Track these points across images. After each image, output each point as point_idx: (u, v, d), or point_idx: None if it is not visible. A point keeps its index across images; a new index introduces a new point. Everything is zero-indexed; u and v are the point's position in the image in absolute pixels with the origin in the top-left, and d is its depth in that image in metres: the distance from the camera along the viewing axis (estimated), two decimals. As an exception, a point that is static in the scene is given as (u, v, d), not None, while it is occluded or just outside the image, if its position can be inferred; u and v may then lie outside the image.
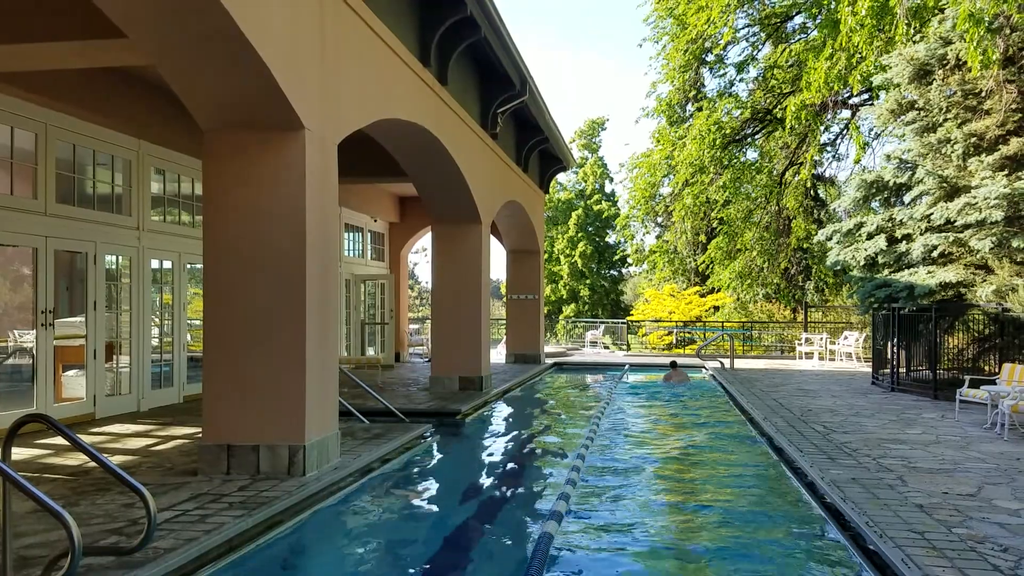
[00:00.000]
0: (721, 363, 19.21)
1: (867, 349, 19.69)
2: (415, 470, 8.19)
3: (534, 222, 18.66)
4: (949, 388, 11.97)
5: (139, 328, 11.22)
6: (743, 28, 26.36)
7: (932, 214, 13.72)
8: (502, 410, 12.84)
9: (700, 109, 27.28)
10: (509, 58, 12.38)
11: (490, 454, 9.66)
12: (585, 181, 44.81)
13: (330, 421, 7.34)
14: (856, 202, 16.07)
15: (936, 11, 14.68)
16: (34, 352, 9.37)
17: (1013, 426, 9.26)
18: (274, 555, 5.31)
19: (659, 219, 34.41)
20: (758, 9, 25.82)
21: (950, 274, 13.23)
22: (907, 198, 14.61)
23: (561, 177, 42.96)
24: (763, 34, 26.40)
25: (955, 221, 13.35)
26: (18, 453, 7.74)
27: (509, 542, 5.96)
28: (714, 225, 30.72)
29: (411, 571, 5.21)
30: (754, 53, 26.99)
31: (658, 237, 35.42)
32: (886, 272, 14.84)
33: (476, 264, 13.43)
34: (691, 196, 28.03)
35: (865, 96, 23.51)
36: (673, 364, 16.68)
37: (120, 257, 11.05)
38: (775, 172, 27.66)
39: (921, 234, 14.09)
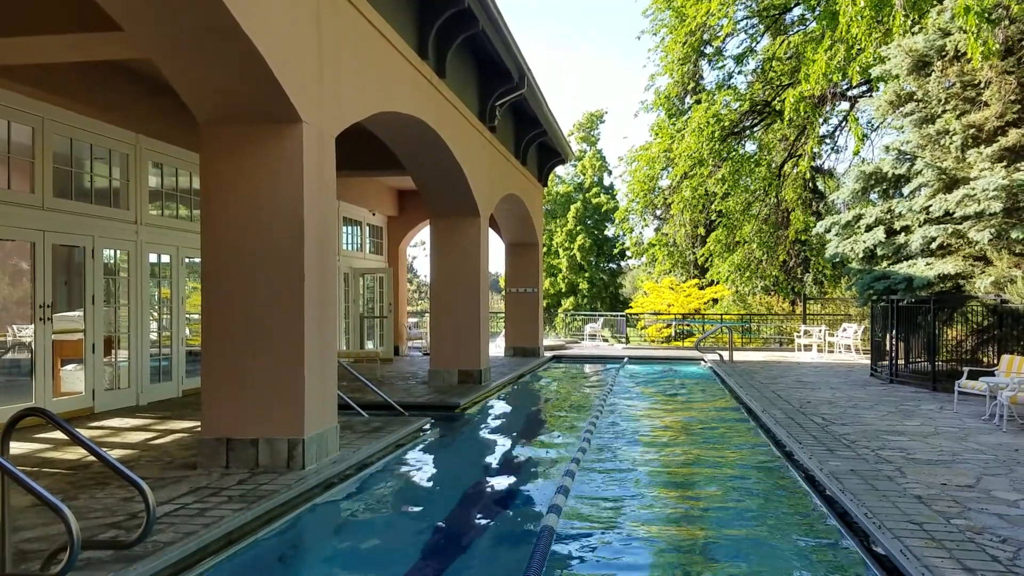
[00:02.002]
0: (720, 356, 19.22)
1: (866, 341, 19.70)
2: (414, 463, 8.19)
3: (533, 215, 18.64)
4: (948, 380, 11.99)
5: (138, 322, 11.21)
6: (742, 20, 26.30)
7: (931, 206, 13.71)
8: (501, 403, 12.85)
9: (699, 102, 27.19)
10: (507, 51, 12.33)
11: (489, 447, 9.67)
12: (584, 174, 44.72)
13: (329, 415, 7.34)
14: (855, 194, 16.06)
15: (935, 2, 14.64)
16: (32, 346, 9.36)
17: (1011, 417, 9.28)
18: (273, 548, 5.31)
19: (658, 212, 34.36)
20: (757, 1, 25.75)
21: (948, 266, 13.23)
22: (906, 190, 14.59)
23: (560, 170, 42.91)
24: (762, 26, 26.33)
25: (954, 213, 13.34)
26: (17, 447, 7.74)
27: (509, 535, 5.96)
28: (713, 218, 30.66)
29: (410, 564, 5.22)
30: (753, 45, 26.93)
31: (657, 230, 35.38)
32: (885, 264, 14.84)
33: (475, 257, 13.41)
34: (690, 189, 27.98)
35: (864, 88, 23.45)
36: None
37: (118, 251, 11.03)
38: (774, 164, 27.63)
39: (920, 226, 14.08)
